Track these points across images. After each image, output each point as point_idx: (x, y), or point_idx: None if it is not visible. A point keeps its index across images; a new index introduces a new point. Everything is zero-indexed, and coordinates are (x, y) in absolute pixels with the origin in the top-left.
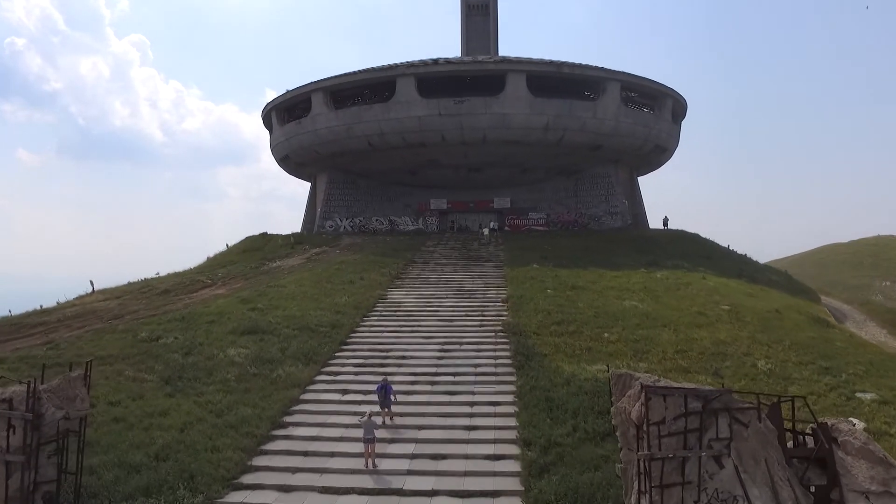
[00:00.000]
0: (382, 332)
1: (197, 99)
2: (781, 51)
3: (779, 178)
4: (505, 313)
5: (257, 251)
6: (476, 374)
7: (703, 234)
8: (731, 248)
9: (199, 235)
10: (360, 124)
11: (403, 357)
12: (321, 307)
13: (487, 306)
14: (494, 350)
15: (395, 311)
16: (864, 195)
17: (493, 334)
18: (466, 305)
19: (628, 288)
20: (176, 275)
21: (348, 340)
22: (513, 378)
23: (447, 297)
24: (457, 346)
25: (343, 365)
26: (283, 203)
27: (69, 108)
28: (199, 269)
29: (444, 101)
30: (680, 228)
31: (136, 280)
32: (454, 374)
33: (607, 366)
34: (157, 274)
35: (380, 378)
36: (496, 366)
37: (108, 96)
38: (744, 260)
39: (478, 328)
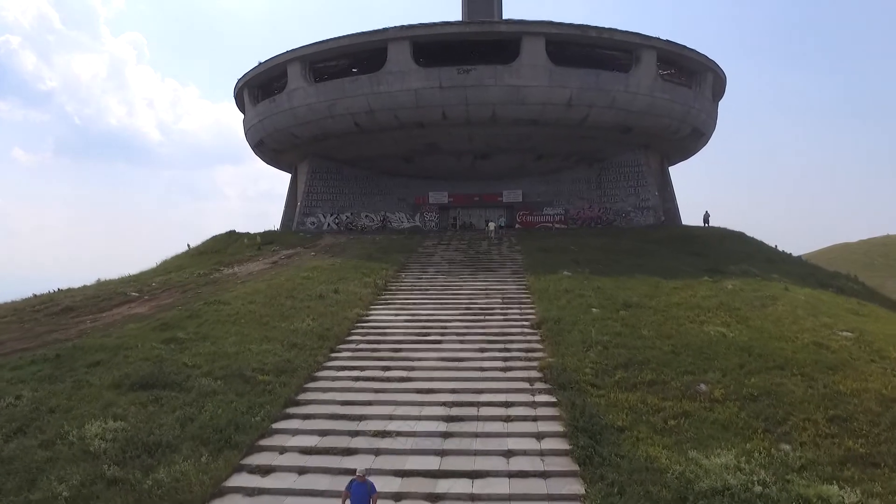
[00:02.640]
0: (355, 381)
1: (194, 98)
2: (785, 45)
3: (780, 175)
4: (539, 347)
5: (216, 253)
6: (510, 475)
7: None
8: (777, 247)
9: (196, 235)
10: (345, 100)
11: (384, 433)
12: (270, 337)
13: (512, 335)
14: (535, 419)
15: (378, 342)
16: (866, 194)
17: (527, 385)
18: (481, 333)
19: (699, 305)
20: (99, 285)
21: (300, 399)
22: (578, 486)
23: (452, 320)
24: (472, 412)
25: (282, 450)
26: (281, 203)
27: (65, 107)
28: (137, 277)
29: (446, 71)
30: (720, 226)
31: (45, 292)
32: (472, 478)
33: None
34: (98, 280)
35: (342, 477)
36: (543, 455)
37: (104, 95)
38: (806, 263)
39: (502, 373)
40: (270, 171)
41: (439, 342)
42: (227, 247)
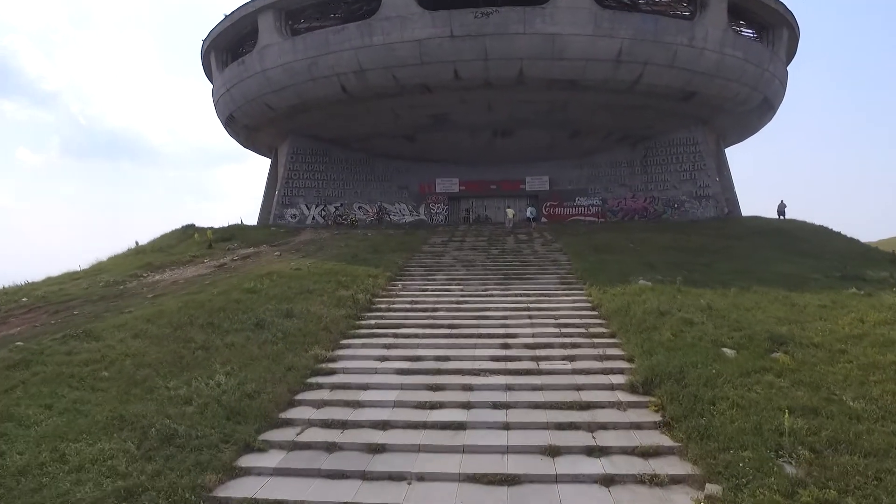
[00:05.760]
0: None
1: (199, 97)
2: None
3: (784, 174)
4: (667, 443)
5: (159, 252)
6: None
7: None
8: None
9: None
10: (328, 56)
11: None
12: (129, 417)
13: (598, 406)
14: None
15: (344, 425)
16: (870, 194)
17: None
18: (539, 403)
19: (891, 339)
20: None
21: None
22: None
23: (480, 371)
24: None
25: None
26: None
27: (70, 106)
28: (31, 286)
29: (459, 15)
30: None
31: None
32: None
33: None
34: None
35: None
36: None
37: (109, 95)
38: None
39: None
40: None
41: (462, 426)
42: (179, 244)
